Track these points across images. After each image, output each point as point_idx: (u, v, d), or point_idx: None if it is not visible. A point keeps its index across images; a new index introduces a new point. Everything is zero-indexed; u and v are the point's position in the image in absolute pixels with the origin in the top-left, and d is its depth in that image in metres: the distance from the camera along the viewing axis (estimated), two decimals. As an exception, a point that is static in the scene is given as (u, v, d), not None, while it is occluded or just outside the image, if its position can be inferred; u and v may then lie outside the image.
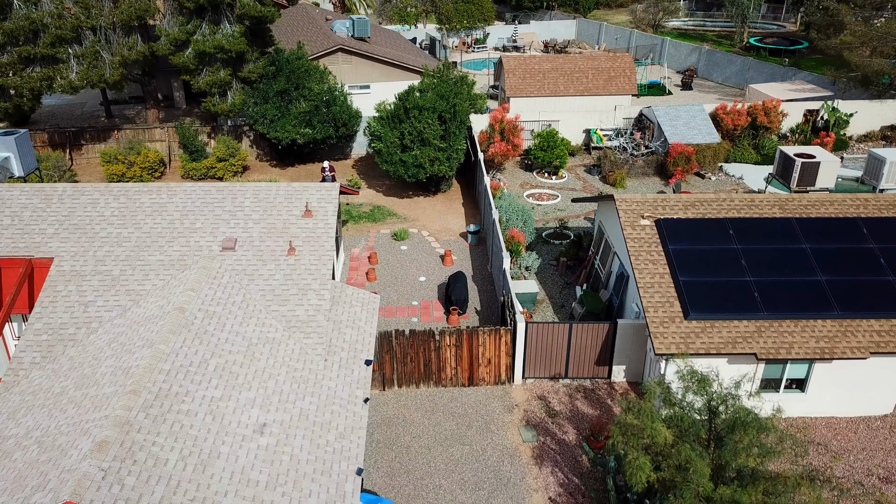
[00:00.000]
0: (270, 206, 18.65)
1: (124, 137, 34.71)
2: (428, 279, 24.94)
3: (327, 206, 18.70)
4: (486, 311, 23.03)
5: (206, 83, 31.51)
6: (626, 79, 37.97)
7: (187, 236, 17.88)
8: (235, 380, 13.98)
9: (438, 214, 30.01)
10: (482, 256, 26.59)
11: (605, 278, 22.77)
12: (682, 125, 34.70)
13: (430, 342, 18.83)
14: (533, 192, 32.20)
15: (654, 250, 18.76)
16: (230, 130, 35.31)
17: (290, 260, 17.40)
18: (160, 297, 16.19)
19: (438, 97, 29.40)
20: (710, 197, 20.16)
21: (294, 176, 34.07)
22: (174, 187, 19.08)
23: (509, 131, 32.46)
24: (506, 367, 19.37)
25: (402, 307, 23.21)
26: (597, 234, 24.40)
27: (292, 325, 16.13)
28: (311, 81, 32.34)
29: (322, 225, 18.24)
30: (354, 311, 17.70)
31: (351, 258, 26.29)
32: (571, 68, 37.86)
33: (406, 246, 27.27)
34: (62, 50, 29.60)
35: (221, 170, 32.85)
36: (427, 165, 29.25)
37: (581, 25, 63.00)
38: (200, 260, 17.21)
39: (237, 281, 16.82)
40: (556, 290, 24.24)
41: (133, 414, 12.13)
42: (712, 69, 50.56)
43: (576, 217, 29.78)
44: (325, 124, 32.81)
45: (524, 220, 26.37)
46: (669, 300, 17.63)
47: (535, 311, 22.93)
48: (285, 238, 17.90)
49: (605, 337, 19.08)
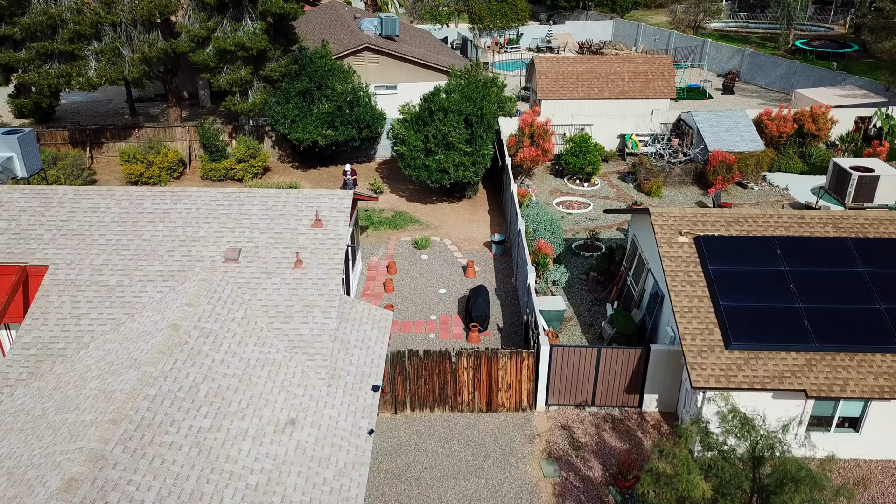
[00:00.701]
0: (278, 215, 17.48)
1: (145, 136, 34.00)
2: (448, 291, 23.59)
3: (339, 215, 17.46)
4: (509, 329, 21.60)
5: (226, 81, 30.59)
6: (665, 81, 36.16)
7: (189, 245, 16.78)
8: (228, 407, 12.79)
9: (462, 222, 28.64)
10: (507, 268, 25.16)
11: (637, 297, 21.17)
12: (723, 131, 32.81)
13: (445, 364, 17.48)
14: (563, 199, 30.64)
15: (693, 270, 17.14)
16: (252, 131, 34.39)
17: (297, 273, 16.19)
18: (156, 311, 15.10)
19: (465, 99, 28.03)
20: (755, 213, 18.46)
21: (315, 179, 33.01)
22: (178, 192, 18.02)
23: (539, 135, 30.94)
24: (527, 393, 17.94)
25: (419, 321, 21.90)
26: (630, 248, 22.80)
27: (295, 345, 14.91)
28: (334, 81, 31.23)
29: (332, 236, 17.00)
30: (364, 330, 16.43)
31: (369, 267, 25.06)
32: (607, 70, 36.18)
33: (427, 255, 25.95)
34: (81, 46, 28.93)
35: (241, 171, 31.92)
36: (451, 171, 27.90)
37: (618, 26, 61.08)
38: (201, 271, 16.10)
39: (239, 295, 15.67)
40: (584, 306, 22.70)
41: (109, 447, 10.99)
42: (756, 73, 48.33)
43: (608, 228, 28.16)
44: (347, 126, 31.67)
45: (552, 230, 24.86)
46: (709, 327, 16.02)
47: (561, 329, 21.44)
48: (293, 249, 16.71)
49: (637, 363, 17.53)
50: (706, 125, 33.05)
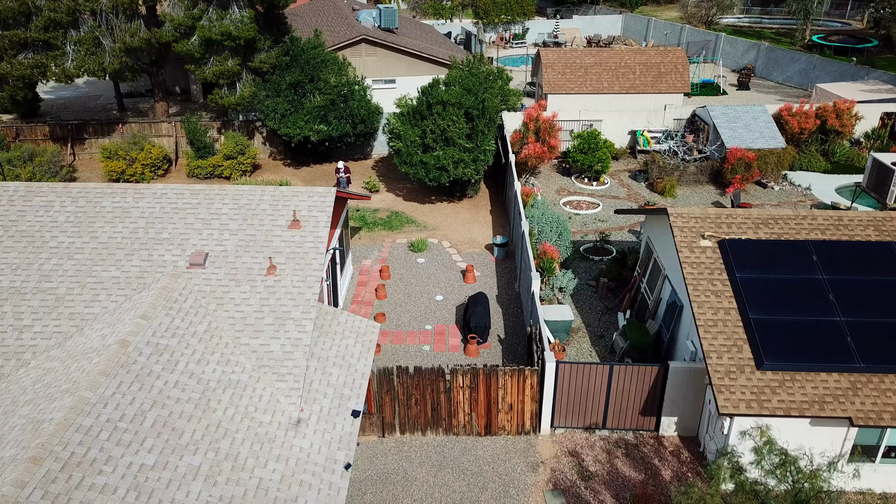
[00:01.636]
0: (252, 214, 15.61)
1: (129, 131, 32.25)
2: (445, 298, 21.70)
3: (319, 215, 15.58)
4: (511, 340, 19.69)
5: (212, 73, 28.80)
6: (678, 75, 34.18)
7: (150, 248, 14.94)
8: (178, 439, 10.92)
9: (462, 223, 26.74)
10: (509, 273, 23.24)
11: (652, 306, 19.24)
12: (741, 127, 30.82)
13: (439, 382, 15.59)
14: (570, 199, 28.72)
15: (718, 279, 15.19)
16: (242, 126, 32.59)
17: (269, 281, 14.33)
18: (107, 324, 13.27)
19: (465, 91, 26.14)
20: (786, 213, 16.49)
21: (308, 177, 31.17)
22: (142, 189, 16.19)
23: (545, 131, 29.02)
24: (531, 415, 16.03)
25: (413, 332, 20.01)
26: (644, 252, 20.87)
27: (264, 363, 13.05)
28: (327, 73, 29.40)
29: (311, 238, 15.12)
30: (346, 345, 14.55)
31: (360, 271, 23.19)
32: (617, 63, 34.22)
33: (423, 258, 24.06)
34: (56, 35, 27.14)
35: (228, 168, 30.11)
36: (451, 168, 26.01)
37: (627, 21, 59.05)
38: (162, 278, 14.26)
39: (203, 305, 13.82)
40: (594, 316, 20.78)
41: (26, 493, 9.14)
42: (772, 68, 46.26)
43: (619, 229, 26.21)
44: (341, 121, 29.83)
45: (559, 232, 22.94)
46: (737, 343, 14.07)
47: (568, 341, 19.52)
48: (266, 253, 14.85)
49: (654, 382, 15.60)
50: (723, 121, 31.07)
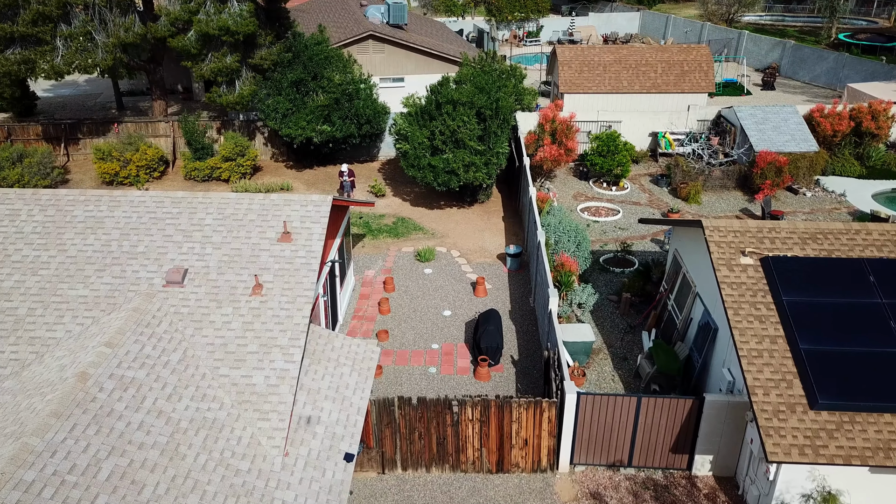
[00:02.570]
0: (238, 226, 14.02)
1: (124, 131, 30.82)
2: (454, 314, 20.04)
3: (313, 226, 13.96)
4: (526, 362, 18.00)
5: (210, 70, 27.28)
6: (703, 74, 32.35)
7: (124, 264, 13.38)
8: (138, 495, 9.33)
9: (473, 230, 25.06)
10: (524, 286, 21.55)
11: (681, 326, 17.49)
12: (770, 129, 28.96)
13: (445, 414, 13.94)
14: (588, 205, 26.97)
15: (762, 302, 13.44)
16: (242, 126, 31.09)
17: (255, 301, 12.73)
18: (69, 350, 11.71)
19: (477, 90, 24.47)
20: (837, 227, 14.71)
21: (311, 180, 29.60)
22: (119, 197, 14.63)
23: (562, 132, 27.30)
24: (548, 451, 14.34)
25: (418, 351, 18.36)
26: (670, 266, 19.11)
27: (245, 398, 11.44)
28: (331, 71, 27.81)
29: (303, 253, 13.51)
30: (341, 374, 12.92)
31: (363, 283, 21.57)
32: (637, 61, 32.44)
33: (431, 269, 22.40)
34: (46, 29, 25.71)
35: (227, 171, 28.60)
36: (461, 172, 24.34)
37: (645, 18, 57.14)
38: (135, 298, 12.69)
39: (179, 330, 12.23)
40: (615, 335, 19.05)
41: (-58, 570, 7.58)
42: (798, 67, 44.26)
43: (640, 238, 24.46)
44: (346, 121, 28.23)
45: (577, 242, 21.22)
46: (786, 378, 12.32)
47: (588, 364, 17.81)
48: (252, 269, 13.25)
49: (688, 416, 13.87)
50: (751, 122, 29.22)
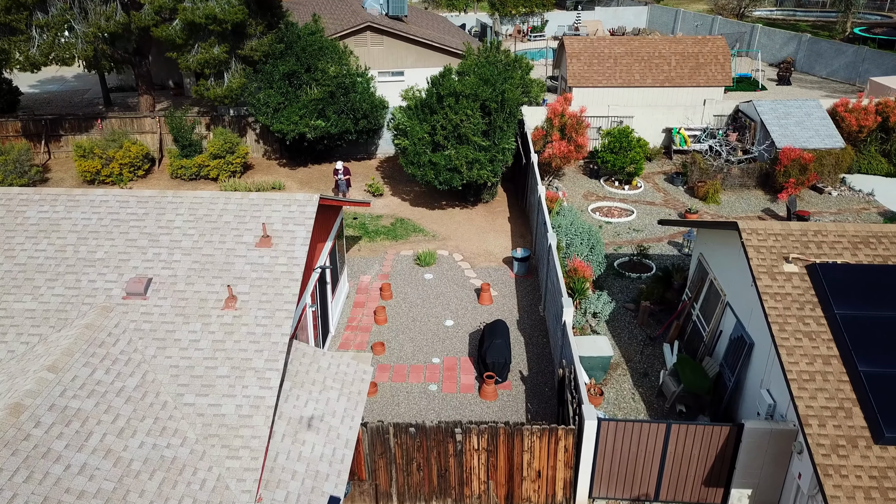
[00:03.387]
0: (211, 228, 12.33)
1: (108, 127, 29.17)
2: (457, 324, 18.35)
3: (296, 229, 12.27)
4: (536, 378, 16.30)
5: (196, 62, 25.59)
6: (719, 66, 30.63)
7: (80, 272, 11.71)
8: (72, 558, 7.65)
9: (477, 232, 23.37)
10: (532, 292, 19.85)
11: (709, 339, 15.78)
12: (793, 124, 27.24)
13: (447, 443, 12.25)
14: (600, 205, 25.27)
15: (810, 315, 11.73)
16: (232, 122, 29.42)
17: (227, 316, 11.04)
18: (8, 376, 10.02)
19: (482, 82, 22.77)
20: (891, 230, 12.99)
21: (305, 178, 27.93)
22: (77, 196, 12.96)
23: (571, 128, 25.60)
24: (564, 483, 12.65)
25: (417, 366, 16.66)
26: (695, 272, 17.40)
27: (212, 431, 9.75)
28: (326, 62, 26.13)
29: (284, 259, 11.82)
30: (327, 399, 11.23)
31: (358, 289, 19.88)
32: (650, 53, 30.73)
33: (431, 274, 20.72)
34: (20, 17, 24.06)
35: (215, 169, 26.93)
36: (464, 169, 22.65)
37: (653, 12, 55.39)
38: (89, 312, 11.01)
39: (138, 350, 10.55)
40: (633, 347, 17.35)
41: None
42: (815, 61, 42.50)
43: (657, 241, 22.75)
44: (341, 115, 26.55)
45: (591, 245, 19.53)
46: (844, 406, 10.60)
47: (605, 380, 16.11)
48: (225, 279, 11.56)
49: (724, 445, 12.18)
50: (772, 117, 27.50)
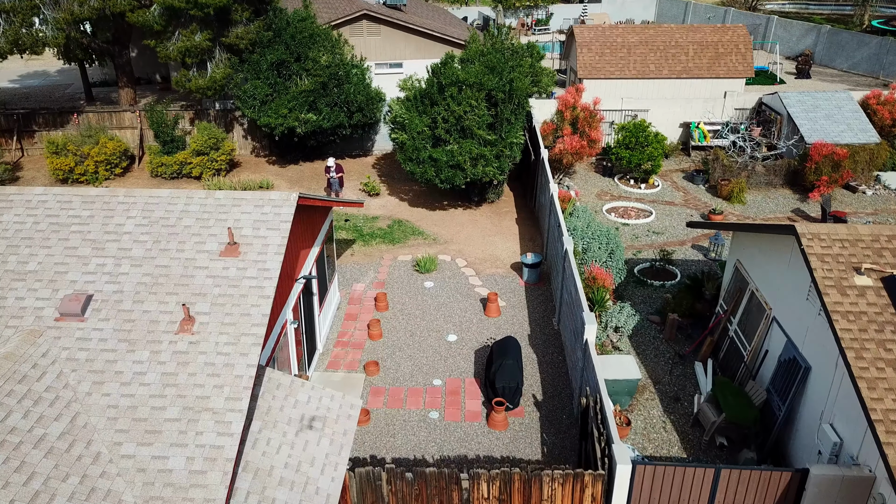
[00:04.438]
0: (168, 234, 10.29)
1: (84, 122, 27.16)
2: (461, 338, 16.31)
3: (269, 234, 10.23)
4: (552, 402, 14.25)
5: (177, 50, 23.57)
6: (740, 56, 28.58)
7: (5, 288, 9.66)
8: None
9: (482, 235, 21.33)
10: (545, 303, 17.80)
11: (750, 358, 13.75)
12: (822, 118, 25.20)
13: (451, 491, 10.23)
14: (615, 205, 23.24)
15: (891, 339, 9.70)
16: (219, 116, 27.41)
17: (182, 342, 9.00)
18: None
19: (487, 70, 20.73)
20: (979, 234, 10.96)
21: (296, 176, 25.90)
22: (11, 196, 10.92)
23: (584, 121, 23.57)
24: (590, 537, 10.62)
25: (416, 389, 14.62)
26: (731, 281, 15.36)
27: (155, 493, 7.71)
28: (317, 51, 24.10)
29: (254, 271, 9.77)
30: (305, 442, 9.19)
31: (351, 299, 17.85)
32: (666, 42, 28.69)
33: (432, 282, 18.68)
34: (-18, 1, 22.10)
35: (199, 166, 24.90)
36: (468, 166, 20.61)
37: (662, 5, 53.35)
38: (12, 338, 8.98)
39: (70, 386, 8.52)
40: (661, 366, 15.31)
41: None
42: (835, 53, 40.44)
43: (679, 244, 20.73)
44: (334, 108, 24.52)
45: (610, 249, 17.49)
46: (944, 453, 8.58)
47: (632, 406, 14.08)
48: (182, 296, 9.52)
49: (783, 494, 10.15)
50: (800, 110, 25.47)
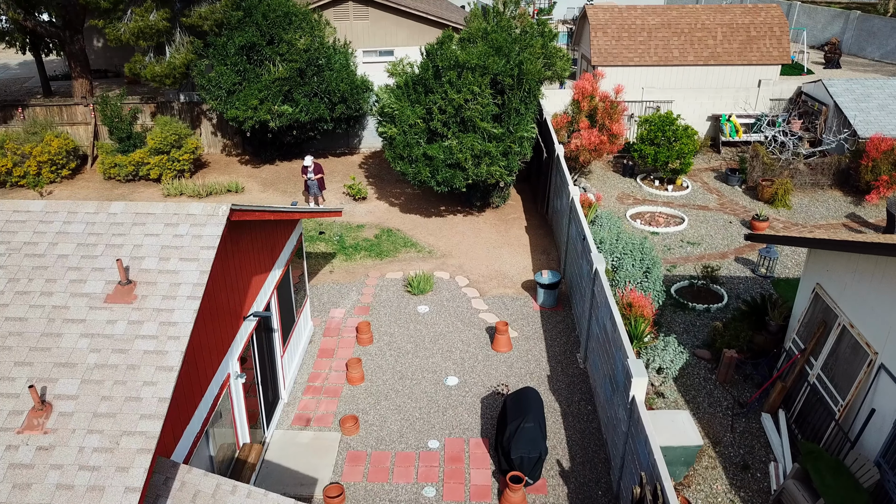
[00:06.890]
0: (33, 268, 6.93)
1: (30, 117, 23.80)
2: (463, 381, 13.00)
3: (183, 268, 6.89)
4: (581, 471, 10.94)
5: (129, 32, 20.26)
6: (775, 40, 25.30)
7: None
8: None
9: (486, 247, 18.03)
10: (566, 332, 14.49)
11: (844, 416, 10.47)
12: (875, 109, 21.99)
13: None
14: (640, 210, 19.98)
15: None
16: (184, 109, 24.06)
17: (29, 447, 5.65)
18: None
19: (492, 51, 17.43)
20: None
21: (271, 178, 22.58)
22: None
23: (604, 113, 20.29)
24: None
25: (406, 455, 11.29)
26: (808, 311, 12.06)
27: None
28: (293, 33, 20.78)
29: (153, 327, 6.42)
30: None
31: (327, 329, 14.54)
32: (690, 24, 25.41)
33: (427, 306, 15.36)
34: None
35: (157, 167, 21.56)
36: (469, 165, 17.29)
37: (673, -7, 50.07)
38: None
39: None
40: (718, 419, 12.02)
41: None
42: (866, 42, 37.23)
43: (720, 257, 17.48)
44: (313, 99, 21.19)
45: (646, 267, 14.21)
46: None
47: (687, 479, 10.79)
48: (39, 369, 6.17)
49: None
50: (849, 99, 22.24)
